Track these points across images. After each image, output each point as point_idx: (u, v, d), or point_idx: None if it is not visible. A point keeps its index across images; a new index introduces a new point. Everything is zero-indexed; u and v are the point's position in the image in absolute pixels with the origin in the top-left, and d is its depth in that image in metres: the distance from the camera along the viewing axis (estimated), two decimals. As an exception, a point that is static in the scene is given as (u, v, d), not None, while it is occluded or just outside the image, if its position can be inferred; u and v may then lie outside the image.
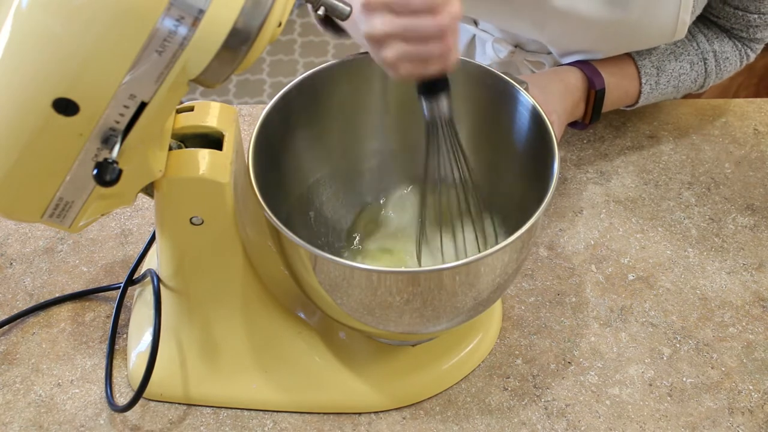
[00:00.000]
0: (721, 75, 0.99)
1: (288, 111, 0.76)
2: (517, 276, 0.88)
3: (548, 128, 0.71)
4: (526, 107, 0.74)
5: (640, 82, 0.95)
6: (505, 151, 0.80)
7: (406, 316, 0.69)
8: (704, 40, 0.97)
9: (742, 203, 0.98)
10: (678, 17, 0.87)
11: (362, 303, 0.68)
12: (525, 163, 0.77)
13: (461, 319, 0.74)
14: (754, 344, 0.85)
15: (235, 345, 0.79)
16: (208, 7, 0.52)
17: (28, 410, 0.80)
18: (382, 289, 0.66)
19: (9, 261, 0.92)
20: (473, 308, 0.71)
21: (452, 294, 0.67)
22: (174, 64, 0.54)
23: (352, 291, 0.67)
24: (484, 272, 0.67)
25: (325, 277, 0.68)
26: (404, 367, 0.81)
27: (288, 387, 0.80)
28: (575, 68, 0.93)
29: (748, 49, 0.99)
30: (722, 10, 0.95)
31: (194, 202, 0.68)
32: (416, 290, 0.66)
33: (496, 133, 0.80)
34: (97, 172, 0.56)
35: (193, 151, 0.67)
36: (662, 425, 0.79)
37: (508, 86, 0.75)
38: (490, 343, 0.84)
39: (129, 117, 0.56)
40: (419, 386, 0.81)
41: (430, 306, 0.68)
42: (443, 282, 0.66)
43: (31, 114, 0.55)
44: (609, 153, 1.03)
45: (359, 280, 0.66)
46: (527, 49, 1.04)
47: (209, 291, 0.76)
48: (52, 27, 0.52)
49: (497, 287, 0.71)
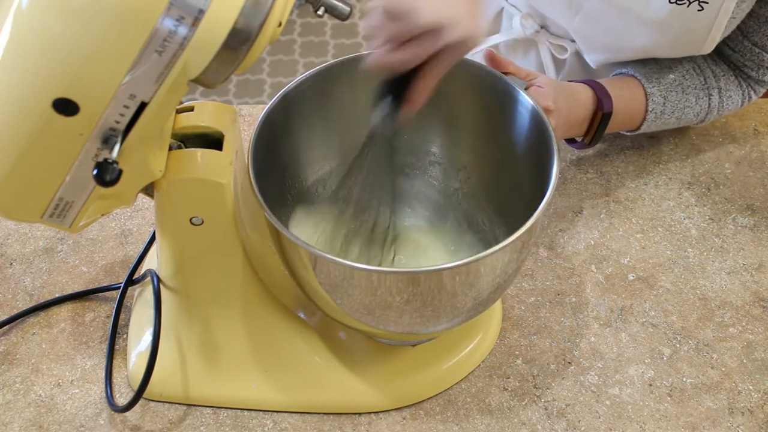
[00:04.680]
0: (722, 112, 0.98)
1: (288, 111, 0.76)
2: (517, 276, 0.88)
3: (548, 128, 0.71)
4: (526, 108, 0.74)
5: (646, 110, 0.94)
6: (505, 151, 0.80)
7: (406, 316, 0.69)
8: (711, 75, 0.96)
9: (742, 203, 0.98)
10: (710, 32, 0.87)
11: (362, 303, 0.68)
12: (525, 163, 0.77)
13: (461, 319, 0.73)
14: (754, 344, 0.85)
15: (235, 345, 0.79)
16: (208, 7, 0.52)
17: (28, 410, 0.80)
18: (382, 289, 0.66)
19: (9, 261, 0.92)
20: (473, 308, 0.71)
21: (452, 294, 0.67)
22: (174, 64, 0.54)
23: (352, 291, 0.67)
24: (484, 272, 0.67)
25: (325, 277, 0.68)
26: (404, 367, 0.81)
27: (288, 387, 0.80)
28: (587, 86, 0.92)
29: (752, 90, 0.98)
30: (740, 44, 0.94)
31: (194, 203, 0.68)
32: (416, 290, 0.66)
33: (496, 133, 0.80)
34: (98, 172, 0.56)
35: (193, 151, 0.67)
36: (662, 425, 0.79)
37: (508, 87, 0.75)
38: (490, 343, 0.84)
39: (129, 117, 0.56)
40: (419, 386, 0.81)
41: (430, 306, 0.68)
42: (443, 282, 0.66)
43: (31, 114, 0.55)
44: (609, 153, 1.03)
45: (359, 280, 0.66)
46: (551, 32, 1.05)
47: (209, 291, 0.76)
48: (53, 27, 0.52)
49: (497, 287, 0.71)
